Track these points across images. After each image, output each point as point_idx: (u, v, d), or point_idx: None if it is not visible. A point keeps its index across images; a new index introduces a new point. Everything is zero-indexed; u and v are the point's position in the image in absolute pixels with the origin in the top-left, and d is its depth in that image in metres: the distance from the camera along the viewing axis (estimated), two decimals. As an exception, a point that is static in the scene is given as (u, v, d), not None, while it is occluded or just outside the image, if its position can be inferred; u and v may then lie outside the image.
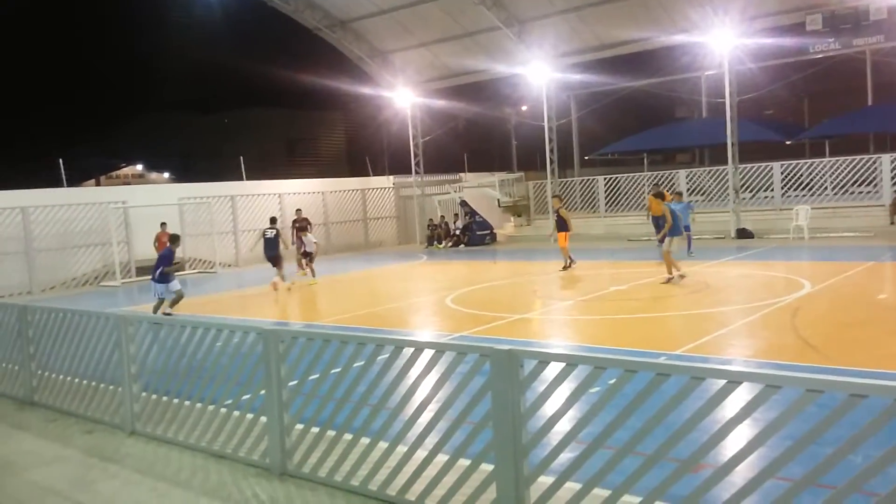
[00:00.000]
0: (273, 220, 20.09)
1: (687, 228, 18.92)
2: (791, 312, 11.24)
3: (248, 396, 6.01)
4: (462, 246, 28.50)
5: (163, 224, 22.61)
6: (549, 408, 4.27)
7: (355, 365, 5.28)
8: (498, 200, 31.25)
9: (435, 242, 29.83)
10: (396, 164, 35.97)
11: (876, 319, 10.55)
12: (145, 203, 24.22)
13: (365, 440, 5.19)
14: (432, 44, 29.80)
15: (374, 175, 36.80)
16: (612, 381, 4.03)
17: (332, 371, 5.47)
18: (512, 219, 32.72)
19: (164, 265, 14.40)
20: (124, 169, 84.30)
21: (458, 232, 29.20)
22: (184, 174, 66.30)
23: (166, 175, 78.11)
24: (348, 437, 5.31)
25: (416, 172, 32.77)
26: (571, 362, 4.25)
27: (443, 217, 30.44)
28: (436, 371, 4.82)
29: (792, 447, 3.39)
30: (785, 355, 8.91)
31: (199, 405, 6.51)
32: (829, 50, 22.90)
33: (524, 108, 39.98)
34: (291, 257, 20.50)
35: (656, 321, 11.95)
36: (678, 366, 3.97)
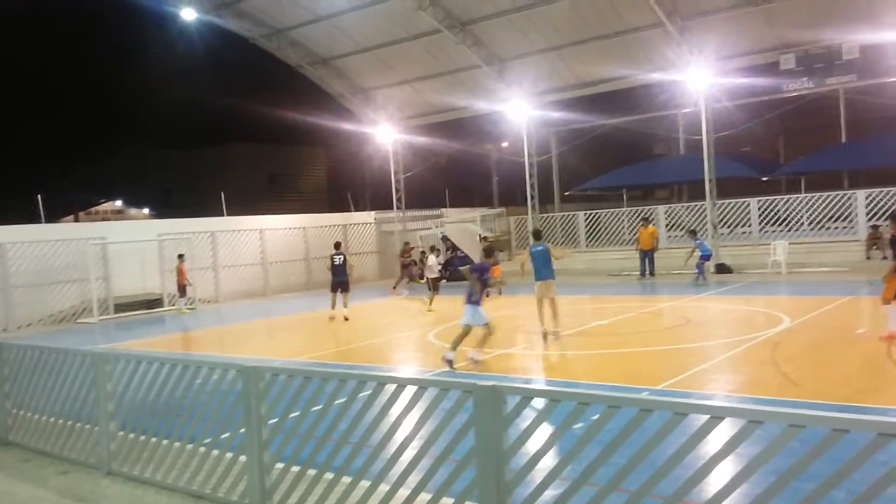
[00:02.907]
0: (338, 246, 20.27)
1: (707, 258, 22.19)
2: (771, 347, 11.31)
3: (227, 435, 5.92)
4: (444, 281, 28.45)
5: (180, 256, 23.48)
6: (533, 444, 4.24)
7: (337, 402, 5.23)
8: (479, 235, 31.33)
9: (418, 278, 29.74)
10: (378, 199, 36.13)
11: (855, 354, 10.64)
12: (124, 239, 24.07)
13: (346, 479, 5.11)
14: (414, 81, 30.12)
15: (356, 210, 36.86)
16: (595, 417, 4.02)
17: (314, 408, 5.41)
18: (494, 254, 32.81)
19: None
20: (103, 205, 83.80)
21: (439, 267, 29.15)
22: (164, 210, 66.00)
23: (146, 211, 77.71)
24: (329, 475, 5.23)
25: (398, 208, 32.84)
26: (555, 398, 4.24)
27: (423, 252, 30.43)
28: (418, 408, 4.78)
29: (775, 483, 3.39)
30: (766, 390, 8.94)
31: (177, 444, 6.40)
32: (802, 89, 23.39)
33: (505, 144, 40.37)
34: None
35: (638, 356, 11.96)
36: (661, 401, 3.97)
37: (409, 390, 4.87)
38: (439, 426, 4.62)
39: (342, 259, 18.95)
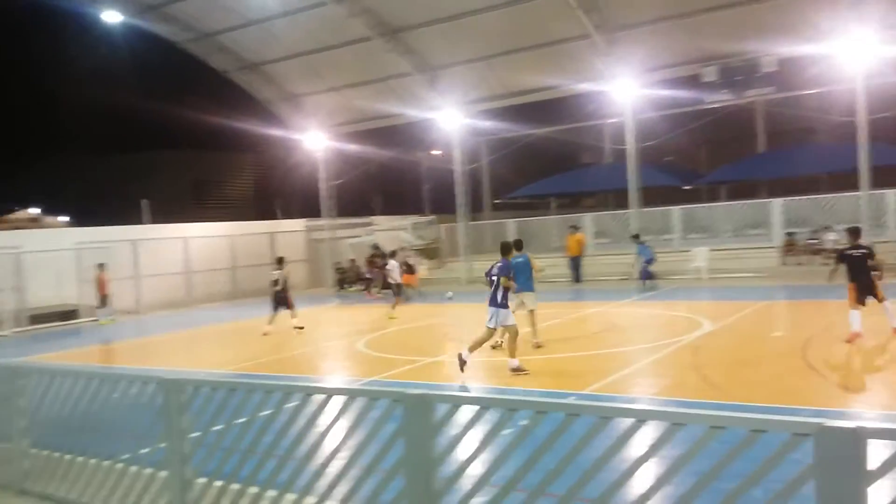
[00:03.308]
0: (280, 261, 18.99)
1: (649, 262, 21.94)
2: (692, 351, 11.62)
3: (147, 450, 5.72)
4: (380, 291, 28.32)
5: (100, 265, 22.55)
6: (462, 452, 4.22)
7: (261, 414, 5.11)
8: (410, 243, 31.33)
9: (346, 286, 29.56)
10: (307, 206, 35.64)
11: (771, 356, 11.02)
12: (40, 248, 23.07)
13: (272, 493, 4.99)
14: (344, 88, 29.93)
15: (284, 218, 36.33)
16: (523, 423, 4.03)
17: (238, 421, 5.27)
18: (424, 261, 32.81)
19: None
20: (18, 213, 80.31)
21: (369, 275, 29.01)
22: (83, 218, 63.63)
23: (64, 219, 74.79)
24: (254, 490, 5.09)
25: (328, 215, 32.53)
26: (484, 405, 4.23)
27: (353, 260, 30.24)
28: (346, 418, 4.71)
29: (697, 483, 3.45)
30: (688, 393, 9.18)
31: (94, 461, 6.14)
32: (723, 100, 24.22)
33: (436, 152, 40.49)
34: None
35: (565, 361, 12.12)
36: (587, 406, 4.00)
37: (337, 400, 4.79)
38: (368, 436, 4.56)
39: (278, 276, 18.26)
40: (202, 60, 29.41)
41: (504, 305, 11.06)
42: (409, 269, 24.90)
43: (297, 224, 33.71)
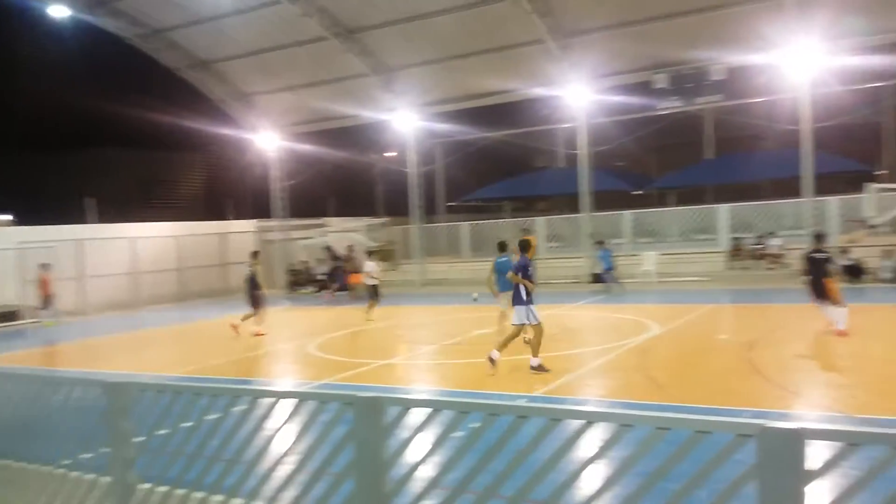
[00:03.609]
0: (255, 255, 18.73)
1: (609, 270, 21.69)
2: (641, 353, 11.80)
3: (89, 455, 5.57)
4: (325, 291, 28.12)
5: (44, 265, 22.03)
6: (413, 455, 4.22)
7: (208, 418, 5.02)
8: (364, 245, 31.17)
9: (298, 288, 29.30)
10: (259, 207, 35.17)
11: (717, 358, 11.26)
12: (-21, 247, 22.36)
13: (217, 497, 4.91)
14: (298, 88, 29.66)
15: (236, 218, 35.81)
16: (474, 426, 4.04)
17: (183, 425, 5.17)
18: (378, 264, 32.67)
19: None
20: (-44, 211, 77.52)
21: (322, 277, 28.81)
22: (26, 217, 61.74)
23: (7, 218, 72.46)
24: (199, 494, 5.00)
25: (280, 216, 32.19)
26: (435, 408, 4.23)
27: (305, 262, 29.99)
28: (296, 421, 4.65)
29: (644, 484, 3.51)
30: (636, 394, 9.31)
31: (34, 466, 5.95)
32: (673, 107, 24.68)
33: (391, 153, 40.39)
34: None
35: (517, 363, 12.18)
36: (537, 407, 4.04)
37: (287, 403, 4.74)
38: (317, 439, 4.52)
39: (252, 272, 18.00)
40: (152, 57, 28.84)
41: (530, 302, 10.96)
42: (355, 270, 25.04)
43: (248, 225, 33.25)
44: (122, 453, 5.28)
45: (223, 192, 42.47)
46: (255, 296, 17.23)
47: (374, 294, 18.56)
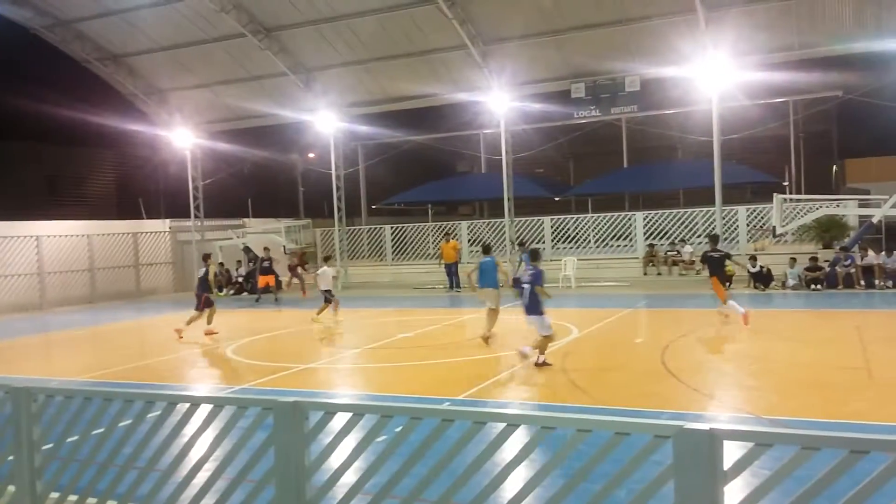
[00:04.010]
0: (206, 258, 18.21)
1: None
2: (561, 356, 12.01)
3: (-10, 465, 5.27)
4: (245, 294, 27.53)
5: None
6: (336, 460, 4.16)
7: (121, 424, 4.83)
8: (284, 247, 30.66)
9: (216, 290, 28.56)
10: (174, 206, 34.14)
11: (634, 361, 11.56)
12: None
13: (131, 506, 4.73)
14: (215, 85, 28.95)
15: (149, 218, 34.64)
16: (398, 429, 4.02)
17: (95, 431, 4.96)
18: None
19: None
20: None
21: (240, 279, 28.19)
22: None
23: None
24: (112, 503, 4.82)
25: (196, 216, 31.36)
26: (358, 412, 4.19)
27: (222, 264, 29.28)
28: (213, 427, 4.53)
29: (565, 485, 3.56)
30: (557, 397, 9.47)
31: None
32: (590, 116, 25.26)
33: (312, 155, 39.93)
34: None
35: (441, 367, 12.22)
36: (461, 411, 4.05)
37: (204, 409, 4.60)
38: (236, 446, 4.41)
39: (204, 271, 17.47)
40: (59, 49, 27.63)
41: (542, 312, 11.09)
42: (267, 271, 24.64)
43: (162, 224, 32.20)
44: (28, 461, 5.03)
45: (136, 190, 41.01)
46: (202, 297, 16.73)
47: (328, 298, 17.91)
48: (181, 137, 30.39)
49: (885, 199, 21.40)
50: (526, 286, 11.16)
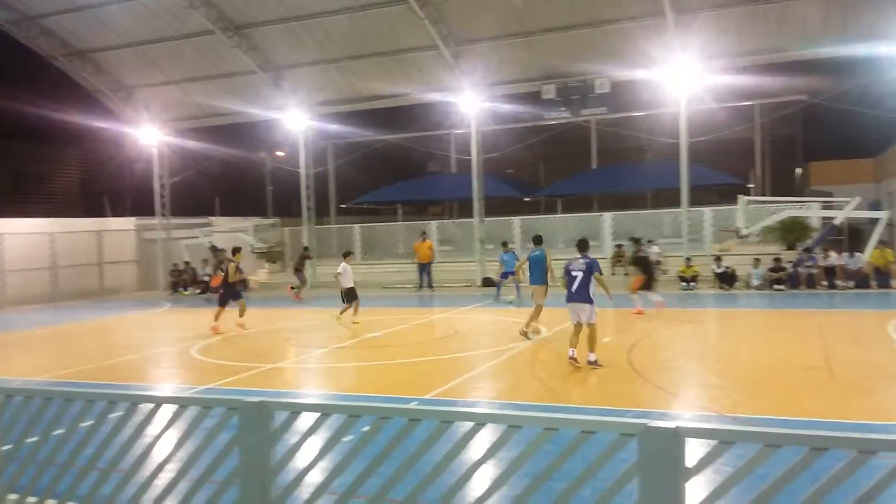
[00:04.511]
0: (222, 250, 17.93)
1: (511, 274, 20.20)
2: (529, 356, 12.06)
3: (-55, 467, 5.14)
4: (210, 293, 27.22)
5: None
6: (302, 460, 4.13)
7: (82, 425, 4.75)
8: (251, 246, 30.39)
9: (181, 289, 28.24)
10: (140, 204, 33.61)
11: (601, 360, 11.63)
12: None
13: (92, 508, 4.65)
14: (183, 82, 28.60)
15: (114, 216, 34.12)
16: (365, 429, 4.00)
17: (55, 432, 4.86)
18: (266, 265, 31.93)
19: None
20: None
21: (206, 278, 27.86)
22: None
23: None
24: (72, 506, 4.73)
25: (162, 214, 30.95)
26: (325, 412, 4.16)
27: (187, 263, 28.94)
28: (177, 428, 4.47)
29: (531, 484, 3.57)
30: (525, 396, 9.51)
31: None
32: (560, 118, 25.40)
33: (281, 153, 39.59)
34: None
35: (408, 367, 12.20)
36: (429, 410, 4.05)
37: (168, 409, 4.54)
38: (200, 446, 4.36)
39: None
40: (24, 45, 27.09)
41: (592, 301, 10.93)
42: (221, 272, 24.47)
43: (127, 223, 31.72)
44: (-17, 465, 4.92)
45: (101, 187, 40.35)
46: (226, 292, 16.95)
47: (352, 296, 17.17)
48: (148, 135, 29.98)
49: (847, 202, 21.85)
50: (578, 273, 10.93)
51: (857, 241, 25.72)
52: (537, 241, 14.41)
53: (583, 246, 11.71)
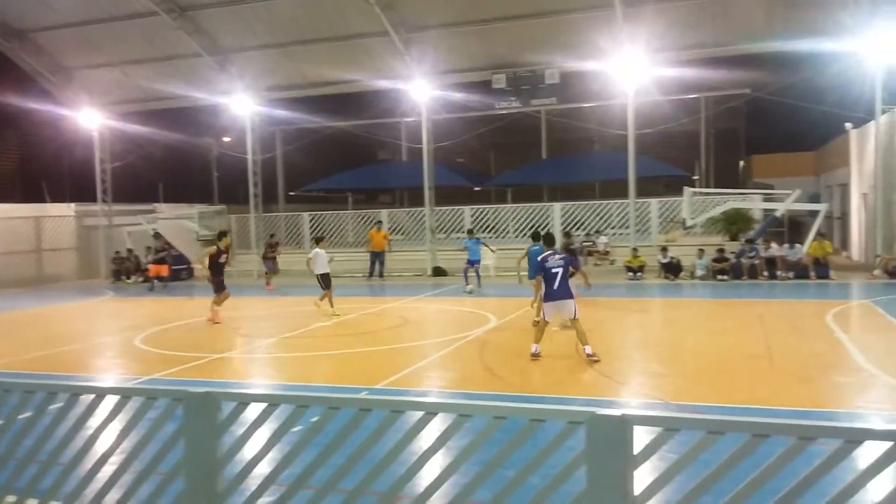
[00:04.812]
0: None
1: (476, 262, 20.42)
2: (480, 345, 12.13)
3: None
4: (155, 281, 26.65)
5: None
6: (249, 451, 4.07)
7: (21, 416, 4.60)
8: (197, 234, 29.81)
9: (123, 277, 27.59)
10: (80, 190, 32.65)
11: (550, 349, 11.75)
12: None
13: (32, 501, 4.53)
14: (125, 64, 27.80)
15: (53, 202, 33.08)
16: (314, 420, 3.96)
17: (-10, 425, 4.70)
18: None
19: None
20: None
21: (149, 266, 27.25)
22: None
23: None
24: (11, 499, 4.59)
25: (103, 200, 30.15)
26: (273, 402, 4.10)
27: (130, 250, 28.28)
28: (120, 419, 4.36)
29: (481, 472, 3.58)
30: (475, 385, 9.56)
31: None
32: (511, 107, 25.49)
33: (228, 139, 38.88)
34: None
35: (359, 356, 12.15)
36: (379, 400, 4.02)
37: (110, 400, 4.43)
38: (144, 438, 4.26)
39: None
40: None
41: (573, 295, 10.87)
42: (160, 260, 24.21)
43: (67, 208, 30.79)
44: (-88, 460, 4.73)
45: (39, 172, 39.06)
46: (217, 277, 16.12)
47: (328, 283, 16.54)
48: (88, 118, 29.13)
49: (788, 194, 22.48)
50: (558, 269, 10.77)
51: (797, 232, 26.53)
52: (536, 237, 14.38)
53: (551, 240, 11.76)
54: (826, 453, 2.97)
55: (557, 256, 10.97)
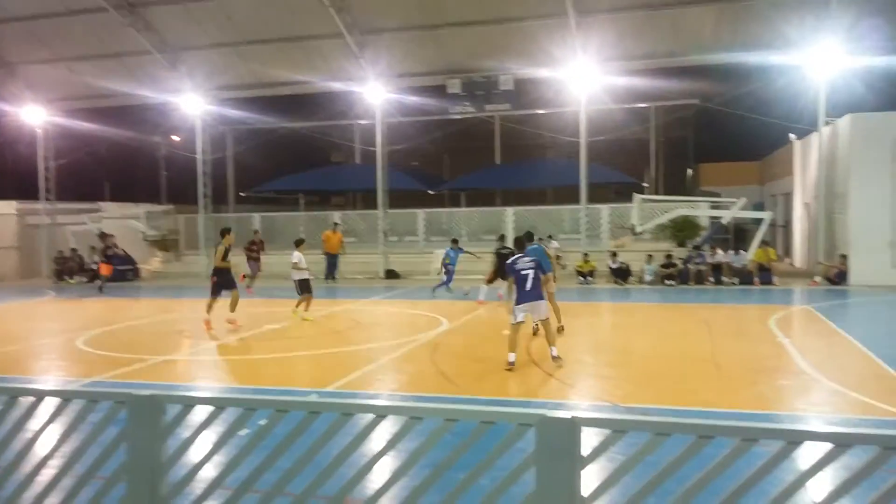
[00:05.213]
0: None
1: (453, 269, 20.60)
2: (431, 348, 12.11)
3: None
4: (99, 281, 26.01)
5: None
6: (195, 455, 3.99)
7: (-47, 420, 4.42)
8: (143, 234, 29.21)
9: (66, 277, 26.86)
10: (22, 188, 31.72)
11: (501, 352, 11.79)
12: None
13: (-36, 509, 4.35)
14: (71, 60, 27.11)
15: (-6, 199, 32.04)
16: (262, 423, 3.89)
17: (-79, 429, 4.51)
18: (159, 254, 30.76)
19: None
20: None
21: (94, 266, 26.59)
22: None
23: None
24: (-59, 507, 4.40)
25: (46, 199, 29.31)
26: (220, 405, 4.03)
27: (74, 250, 27.56)
28: (60, 423, 4.23)
29: (431, 474, 3.57)
30: (426, 387, 9.54)
31: None
32: (465, 112, 25.58)
33: (176, 138, 38.16)
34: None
35: (309, 359, 12.03)
36: (328, 403, 3.99)
37: (50, 402, 4.29)
38: (85, 441, 4.14)
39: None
40: None
41: (543, 297, 10.79)
42: (107, 260, 23.73)
43: (8, 206, 29.86)
44: None
45: (-22, 169, 37.79)
46: (219, 280, 15.13)
47: (305, 288, 16.02)
48: (32, 114, 28.31)
49: (734, 203, 23.02)
50: (528, 272, 10.65)
51: (742, 239, 27.16)
52: (529, 237, 14.31)
53: (521, 244, 11.75)
54: (769, 454, 3.04)
55: (527, 259, 10.95)
